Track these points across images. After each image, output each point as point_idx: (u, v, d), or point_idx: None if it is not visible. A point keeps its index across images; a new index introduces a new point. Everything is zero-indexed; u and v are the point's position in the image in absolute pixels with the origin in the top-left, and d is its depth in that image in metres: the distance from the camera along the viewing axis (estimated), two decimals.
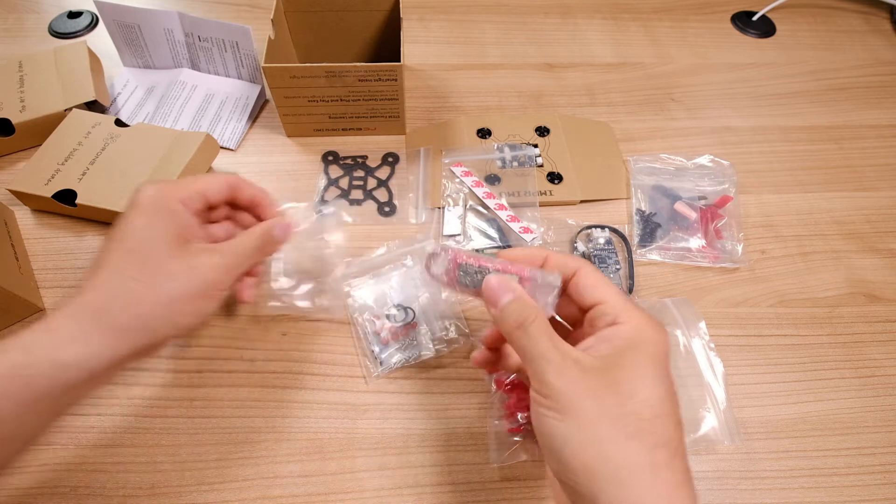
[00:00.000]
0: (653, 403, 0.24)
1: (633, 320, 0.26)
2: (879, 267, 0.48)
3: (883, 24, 0.70)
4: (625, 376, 0.24)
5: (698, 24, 0.69)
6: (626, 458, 0.23)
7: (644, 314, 0.27)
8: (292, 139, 0.56)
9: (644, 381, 0.24)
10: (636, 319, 0.26)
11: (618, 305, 0.27)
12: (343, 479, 0.37)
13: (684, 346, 0.41)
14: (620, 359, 0.25)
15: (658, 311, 0.43)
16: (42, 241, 0.47)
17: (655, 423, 0.23)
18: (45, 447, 0.37)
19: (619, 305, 0.27)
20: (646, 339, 0.26)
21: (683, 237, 0.48)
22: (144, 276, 0.29)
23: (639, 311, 0.27)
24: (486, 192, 0.50)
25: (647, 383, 0.24)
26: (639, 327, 0.26)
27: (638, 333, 0.26)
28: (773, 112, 0.60)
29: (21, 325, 0.42)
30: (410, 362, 0.41)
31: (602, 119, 0.58)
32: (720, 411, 0.38)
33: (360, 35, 0.59)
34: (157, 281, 0.29)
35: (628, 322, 0.26)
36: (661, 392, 0.24)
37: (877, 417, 0.40)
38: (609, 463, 0.23)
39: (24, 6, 0.68)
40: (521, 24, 0.68)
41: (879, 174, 0.55)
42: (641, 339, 0.26)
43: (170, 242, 0.30)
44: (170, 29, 0.56)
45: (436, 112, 0.58)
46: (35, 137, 0.52)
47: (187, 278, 0.29)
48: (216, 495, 0.36)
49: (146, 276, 0.29)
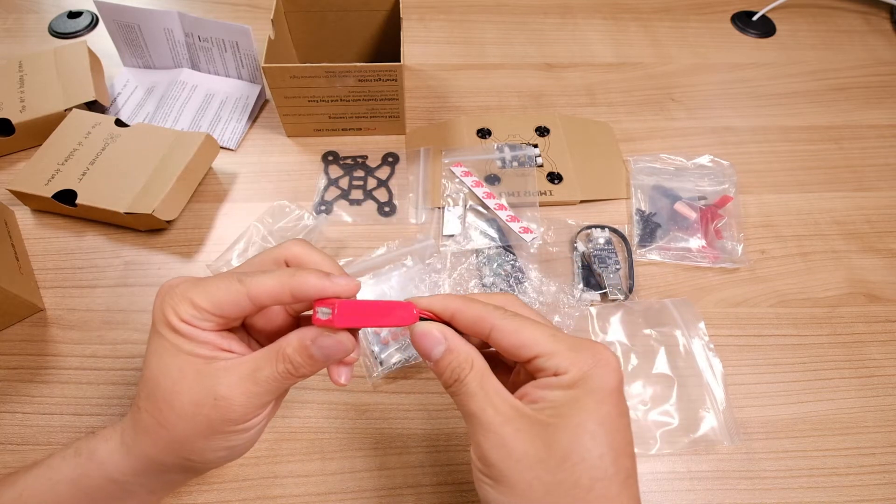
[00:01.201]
0: (593, 465, 0.22)
1: (573, 367, 0.23)
2: (879, 267, 0.48)
3: (883, 24, 0.70)
4: (562, 438, 0.22)
5: (698, 24, 0.69)
6: None
7: (585, 351, 0.24)
8: (292, 139, 0.56)
9: (583, 439, 0.22)
10: (577, 365, 0.23)
11: (554, 354, 0.24)
12: (343, 479, 0.37)
13: (684, 347, 0.41)
14: (558, 417, 0.23)
15: (658, 312, 0.43)
16: (42, 241, 0.47)
17: (595, 490, 0.22)
18: (45, 446, 0.37)
19: (555, 352, 0.24)
20: (589, 388, 0.23)
21: (683, 237, 0.48)
22: (154, 412, 0.25)
23: (579, 351, 0.24)
24: (486, 192, 0.50)
25: (587, 443, 0.22)
26: (580, 375, 0.23)
27: (579, 384, 0.23)
28: (773, 112, 0.60)
29: (21, 325, 0.42)
30: (410, 362, 0.41)
31: (602, 119, 0.58)
32: (720, 411, 0.39)
33: (360, 35, 0.59)
34: (165, 418, 0.25)
35: (568, 371, 0.23)
36: (602, 449, 0.22)
37: (877, 417, 0.40)
38: None
39: (24, 6, 0.68)
40: (521, 24, 0.68)
41: (879, 174, 0.55)
42: (583, 390, 0.23)
43: (183, 370, 0.25)
44: (170, 29, 0.56)
45: (436, 112, 0.58)
46: (35, 137, 0.52)
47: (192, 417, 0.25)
48: (216, 495, 0.36)
49: (156, 412, 0.25)
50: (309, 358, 0.25)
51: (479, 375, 0.24)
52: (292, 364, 0.25)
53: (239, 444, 0.26)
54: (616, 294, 0.44)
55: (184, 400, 0.24)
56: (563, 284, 0.46)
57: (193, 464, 0.27)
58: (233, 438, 0.26)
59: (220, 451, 0.26)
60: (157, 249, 0.47)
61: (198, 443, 0.25)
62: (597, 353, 0.24)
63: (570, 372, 0.23)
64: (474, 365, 0.25)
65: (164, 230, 0.48)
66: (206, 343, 0.25)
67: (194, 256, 0.47)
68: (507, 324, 0.24)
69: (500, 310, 0.25)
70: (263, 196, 0.51)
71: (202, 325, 0.25)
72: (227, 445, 0.26)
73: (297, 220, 0.48)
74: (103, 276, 0.45)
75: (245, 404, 0.25)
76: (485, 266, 0.46)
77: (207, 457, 0.26)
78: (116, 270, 0.46)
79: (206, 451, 0.26)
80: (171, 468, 0.27)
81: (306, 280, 0.24)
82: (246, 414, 0.25)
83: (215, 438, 0.25)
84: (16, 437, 0.38)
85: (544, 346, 0.24)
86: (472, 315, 0.25)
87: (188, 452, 0.25)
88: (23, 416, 0.38)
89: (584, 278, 0.46)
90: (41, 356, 0.41)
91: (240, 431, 0.26)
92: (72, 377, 0.40)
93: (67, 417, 0.39)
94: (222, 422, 0.25)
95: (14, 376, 0.40)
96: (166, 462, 0.26)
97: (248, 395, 0.25)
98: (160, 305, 0.25)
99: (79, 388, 0.40)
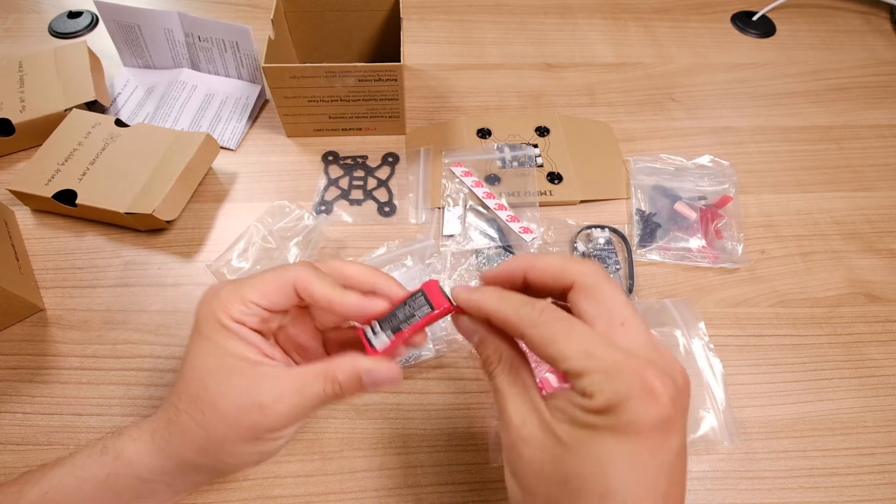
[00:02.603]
0: (598, 498, 0.19)
1: (601, 394, 0.20)
2: (879, 267, 0.48)
3: (883, 24, 0.70)
4: (573, 463, 0.20)
5: (698, 24, 0.69)
6: None
7: (626, 376, 0.20)
8: (292, 139, 0.56)
9: (595, 472, 0.20)
10: (607, 393, 0.20)
11: (583, 374, 0.20)
12: (343, 479, 0.37)
13: (684, 347, 0.41)
14: (575, 440, 0.20)
15: (658, 312, 0.43)
16: (42, 242, 0.47)
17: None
18: (45, 446, 0.37)
19: (585, 372, 0.20)
20: (615, 420, 0.19)
21: (683, 237, 0.48)
22: (195, 413, 0.26)
23: (616, 375, 0.20)
24: (486, 192, 0.50)
25: (598, 478, 0.19)
26: (607, 404, 0.20)
27: (607, 412, 0.20)
28: (773, 112, 0.60)
29: (21, 325, 0.42)
30: (410, 362, 0.41)
31: (602, 119, 0.58)
32: (719, 411, 0.39)
33: (360, 35, 0.59)
34: (207, 420, 0.25)
35: (594, 396, 0.20)
36: (620, 491, 0.19)
37: (877, 417, 0.40)
38: None
39: (24, 6, 0.68)
40: (521, 24, 0.68)
41: (879, 174, 0.55)
42: (609, 420, 0.19)
43: (229, 373, 0.25)
44: (170, 29, 0.56)
45: (436, 112, 0.58)
46: (35, 137, 0.52)
47: (235, 421, 0.25)
48: (216, 495, 0.36)
49: (197, 414, 0.26)
50: (359, 387, 0.26)
51: (505, 370, 0.24)
52: (341, 388, 0.26)
53: (271, 449, 0.27)
54: None
55: (228, 403, 0.25)
56: None
57: (225, 465, 0.27)
58: (269, 445, 0.27)
59: (254, 455, 0.27)
60: (157, 249, 0.47)
61: (235, 446, 0.26)
62: (644, 379, 0.20)
63: (595, 398, 0.20)
64: (502, 359, 0.24)
65: (164, 230, 0.48)
66: (253, 345, 0.26)
67: (194, 256, 0.47)
68: (537, 333, 0.22)
69: (534, 313, 0.23)
70: (263, 196, 0.51)
71: (251, 322, 0.26)
72: (260, 450, 0.27)
73: (297, 220, 0.48)
74: (103, 276, 0.45)
75: (287, 414, 0.26)
76: (485, 266, 0.46)
77: (241, 460, 0.27)
78: (116, 270, 0.46)
79: (240, 455, 0.26)
80: (200, 469, 0.28)
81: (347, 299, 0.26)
82: (286, 424, 0.26)
83: (253, 443, 0.26)
84: (16, 437, 0.38)
85: (575, 363, 0.21)
86: (503, 319, 0.24)
87: (224, 455, 0.26)
88: (23, 416, 0.38)
89: None
90: (41, 356, 0.41)
91: (276, 438, 0.27)
92: (72, 377, 0.40)
93: (67, 417, 0.39)
94: (263, 429, 0.25)
95: (14, 376, 0.40)
96: (198, 463, 0.27)
97: (291, 407, 0.25)
98: (208, 307, 0.26)
99: (79, 388, 0.40)
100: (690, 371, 0.40)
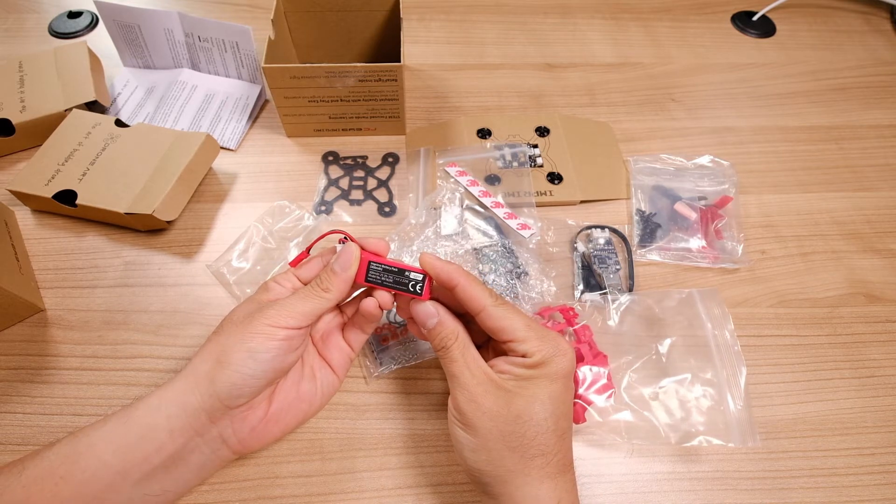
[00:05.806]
0: (537, 423, 0.29)
1: (538, 353, 0.30)
2: (879, 267, 0.48)
3: (883, 24, 0.70)
4: (520, 403, 0.29)
5: (698, 24, 0.69)
6: (507, 463, 0.29)
7: (549, 342, 0.31)
8: (292, 139, 0.56)
9: (534, 405, 0.29)
10: (541, 352, 0.30)
11: (525, 340, 0.30)
12: (343, 479, 0.37)
13: (714, 341, 0.41)
14: (520, 388, 0.30)
15: (684, 302, 0.43)
16: (42, 242, 0.47)
17: (536, 440, 0.29)
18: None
19: (526, 339, 0.30)
20: (546, 370, 0.30)
21: (683, 237, 0.48)
22: (215, 336, 0.32)
23: (544, 341, 0.31)
24: (482, 191, 0.50)
25: (537, 408, 0.29)
26: (541, 359, 0.30)
27: (540, 366, 0.30)
28: (773, 112, 0.60)
29: (21, 325, 0.42)
30: (410, 362, 0.41)
31: (602, 119, 0.58)
32: (728, 412, 0.38)
33: (360, 35, 0.59)
34: (223, 328, 0.32)
35: (533, 355, 0.30)
36: (546, 413, 0.29)
37: (877, 417, 0.40)
38: (495, 466, 0.29)
39: (24, 6, 0.68)
40: (521, 24, 0.68)
41: (879, 174, 0.55)
42: (542, 371, 0.30)
43: (248, 305, 0.33)
44: (170, 29, 0.56)
45: (436, 112, 0.58)
46: (35, 138, 0.52)
47: (241, 319, 0.32)
48: (216, 495, 0.36)
49: (217, 334, 0.32)
50: (330, 273, 0.33)
51: (461, 345, 0.32)
52: (320, 280, 0.33)
53: (266, 349, 0.30)
54: (616, 295, 0.44)
55: (238, 311, 0.33)
56: (563, 285, 0.46)
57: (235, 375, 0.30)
58: (270, 347, 0.30)
59: (263, 337, 0.30)
60: (157, 250, 0.47)
61: (243, 341, 0.30)
62: (558, 345, 0.31)
63: (534, 356, 0.30)
64: (458, 337, 0.32)
65: (164, 230, 0.48)
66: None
67: (194, 257, 0.47)
68: (496, 310, 0.31)
69: (493, 296, 0.31)
70: (263, 196, 0.51)
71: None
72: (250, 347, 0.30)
73: (297, 220, 0.48)
74: (103, 277, 0.45)
75: (281, 308, 0.31)
76: (484, 266, 0.46)
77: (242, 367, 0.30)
78: (116, 271, 0.46)
79: (247, 362, 0.30)
80: (219, 418, 0.30)
81: None
82: (280, 318, 0.31)
83: (257, 338, 0.30)
84: (16, 437, 0.38)
85: (520, 333, 0.31)
86: (470, 293, 0.31)
87: (235, 364, 0.30)
88: (23, 416, 0.39)
89: (585, 279, 0.46)
90: (41, 356, 0.41)
91: (274, 341, 0.30)
92: (72, 377, 0.40)
93: (67, 417, 0.39)
94: (261, 315, 0.31)
95: (14, 376, 0.40)
96: (215, 403, 0.30)
97: (284, 301, 0.32)
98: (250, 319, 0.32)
99: (79, 388, 0.40)
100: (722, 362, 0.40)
